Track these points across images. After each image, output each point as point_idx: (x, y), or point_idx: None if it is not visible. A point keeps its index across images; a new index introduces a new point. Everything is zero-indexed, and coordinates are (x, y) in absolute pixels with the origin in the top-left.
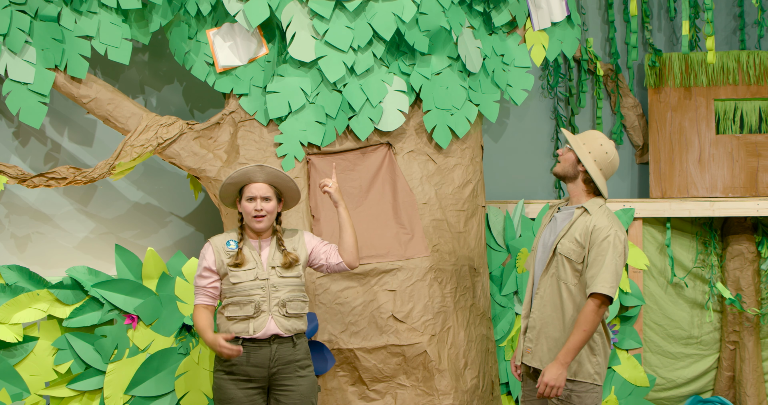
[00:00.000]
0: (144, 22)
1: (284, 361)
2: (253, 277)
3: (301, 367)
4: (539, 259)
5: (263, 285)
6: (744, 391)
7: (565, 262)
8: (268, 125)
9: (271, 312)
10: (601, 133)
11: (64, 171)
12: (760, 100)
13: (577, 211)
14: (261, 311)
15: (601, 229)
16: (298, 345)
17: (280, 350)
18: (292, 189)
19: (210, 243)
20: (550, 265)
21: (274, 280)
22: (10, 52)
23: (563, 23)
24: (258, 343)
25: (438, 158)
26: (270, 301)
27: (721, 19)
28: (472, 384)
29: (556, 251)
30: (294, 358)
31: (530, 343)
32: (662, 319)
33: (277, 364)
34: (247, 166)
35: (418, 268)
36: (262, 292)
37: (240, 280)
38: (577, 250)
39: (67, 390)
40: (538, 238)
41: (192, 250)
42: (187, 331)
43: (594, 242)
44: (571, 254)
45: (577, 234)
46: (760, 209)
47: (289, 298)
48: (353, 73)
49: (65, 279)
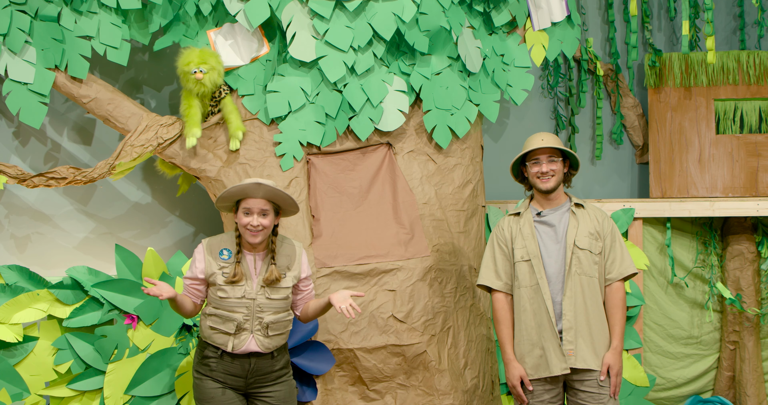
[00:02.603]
0: (144, 22)
1: (261, 373)
2: (240, 295)
3: (279, 376)
4: (550, 263)
5: (249, 304)
6: (744, 391)
7: (582, 257)
8: (269, 125)
9: (252, 331)
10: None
11: (64, 171)
12: (760, 100)
13: (574, 208)
14: (243, 329)
15: (608, 218)
16: (278, 358)
17: (258, 363)
18: (290, 204)
19: (203, 247)
20: (571, 265)
21: (261, 300)
22: (10, 52)
23: (563, 23)
24: (237, 358)
25: (438, 158)
26: (253, 321)
27: (721, 19)
28: (472, 384)
29: (575, 248)
30: (272, 370)
31: (570, 346)
32: (662, 319)
33: (254, 375)
34: (245, 183)
35: (418, 268)
36: (246, 312)
37: (227, 295)
38: (594, 242)
39: (67, 390)
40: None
41: (192, 251)
42: (187, 331)
43: (607, 230)
44: (592, 247)
45: (590, 227)
46: (760, 209)
47: (272, 320)
48: (353, 73)
49: (65, 279)
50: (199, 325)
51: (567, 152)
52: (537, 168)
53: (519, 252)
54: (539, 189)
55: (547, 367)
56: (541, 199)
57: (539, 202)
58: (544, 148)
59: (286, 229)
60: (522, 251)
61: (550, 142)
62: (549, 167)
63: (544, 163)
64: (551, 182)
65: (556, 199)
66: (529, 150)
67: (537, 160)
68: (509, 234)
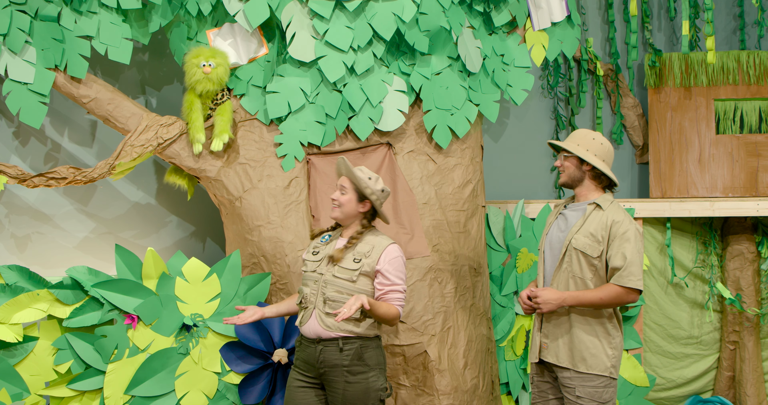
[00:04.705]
0: (144, 22)
1: (330, 364)
2: (313, 269)
3: (351, 373)
4: (549, 256)
5: (317, 278)
6: (744, 391)
7: (580, 258)
8: (269, 125)
9: (315, 305)
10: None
11: (64, 171)
12: (760, 100)
13: (589, 207)
14: (309, 303)
15: (620, 223)
16: (346, 351)
17: (325, 353)
18: (363, 187)
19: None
20: (562, 261)
21: (327, 277)
22: (10, 52)
23: (563, 23)
24: (307, 342)
25: (438, 158)
26: (318, 295)
27: (721, 19)
28: (472, 384)
29: (570, 246)
30: (341, 363)
31: (546, 339)
32: (662, 319)
33: (324, 366)
34: (339, 159)
35: (418, 268)
36: (314, 286)
37: (306, 268)
38: (593, 244)
39: (67, 390)
40: (544, 238)
41: (192, 250)
42: (186, 331)
43: (614, 236)
44: (587, 249)
45: (592, 229)
46: (760, 209)
47: (332, 297)
48: (353, 73)
49: (65, 279)
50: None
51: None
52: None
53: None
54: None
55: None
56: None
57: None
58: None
59: (287, 229)
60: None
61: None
62: (560, 162)
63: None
64: (563, 177)
65: (581, 195)
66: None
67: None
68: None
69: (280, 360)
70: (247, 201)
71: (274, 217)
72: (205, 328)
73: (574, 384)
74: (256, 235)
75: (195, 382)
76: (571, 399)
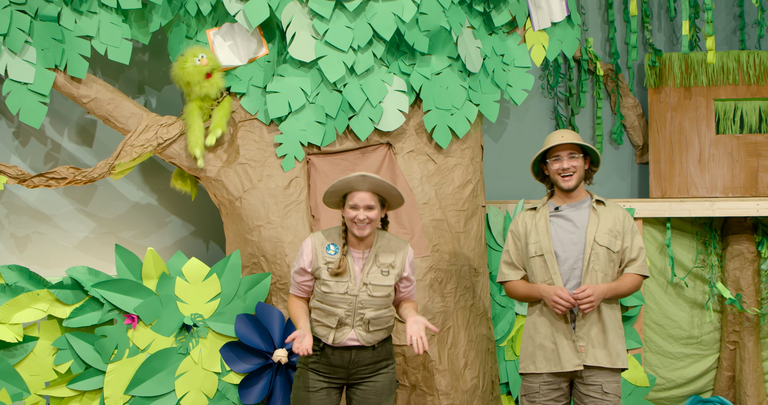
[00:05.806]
0: (144, 22)
1: (363, 364)
2: (343, 291)
3: (382, 367)
4: (563, 257)
5: (351, 300)
6: (744, 391)
7: (601, 254)
8: (269, 125)
9: (353, 326)
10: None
11: (64, 171)
12: (760, 100)
13: (594, 205)
14: (344, 324)
15: (629, 216)
16: (378, 349)
17: (359, 355)
18: (396, 196)
19: (310, 241)
20: (589, 261)
21: (363, 297)
22: (10, 52)
23: (563, 23)
24: (337, 350)
25: (438, 158)
26: (354, 316)
27: (721, 19)
28: (472, 384)
29: (595, 244)
30: (374, 360)
31: (582, 342)
32: (662, 319)
33: (356, 366)
34: (351, 176)
35: (418, 268)
36: (347, 307)
37: (330, 290)
38: (613, 240)
39: (67, 390)
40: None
41: (192, 250)
42: (186, 331)
43: (627, 229)
44: (611, 244)
45: (610, 224)
46: (760, 209)
47: (374, 316)
48: (353, 73)
49: (65, 279)
50: None
51: (587, 148)
52: (558, 165)
53: (533, 247)
54: (561, 188)
55: (558, 362)
56: (562, 196)
57: (559, 198)
58: (565, 144)
59: (287, 229)
60: (535, 246)
61: (570, 138)
62: (570, 163)
63: (565, 160)
64: (573, 180)
65: (577, 196)
66: (550, 146)
67: (558, 157)
68: (523, 229)
69: (280, 360)
70: (247, 201)
71: (274, 217)
72: (205, 328)
73: (601, 380)
74: (256, 235)
75: (195, 382)
76: (596, 397)
